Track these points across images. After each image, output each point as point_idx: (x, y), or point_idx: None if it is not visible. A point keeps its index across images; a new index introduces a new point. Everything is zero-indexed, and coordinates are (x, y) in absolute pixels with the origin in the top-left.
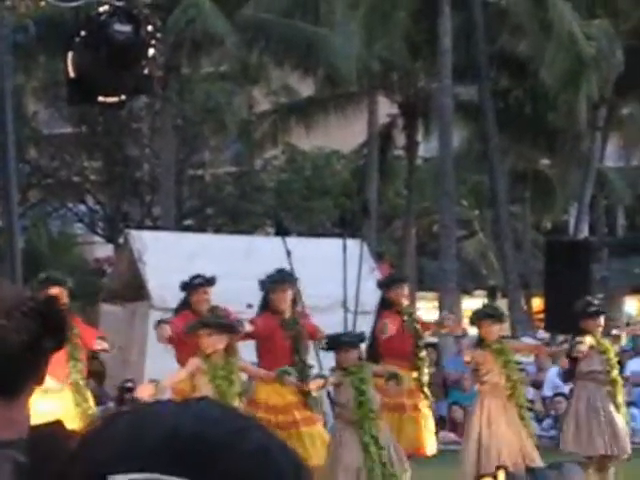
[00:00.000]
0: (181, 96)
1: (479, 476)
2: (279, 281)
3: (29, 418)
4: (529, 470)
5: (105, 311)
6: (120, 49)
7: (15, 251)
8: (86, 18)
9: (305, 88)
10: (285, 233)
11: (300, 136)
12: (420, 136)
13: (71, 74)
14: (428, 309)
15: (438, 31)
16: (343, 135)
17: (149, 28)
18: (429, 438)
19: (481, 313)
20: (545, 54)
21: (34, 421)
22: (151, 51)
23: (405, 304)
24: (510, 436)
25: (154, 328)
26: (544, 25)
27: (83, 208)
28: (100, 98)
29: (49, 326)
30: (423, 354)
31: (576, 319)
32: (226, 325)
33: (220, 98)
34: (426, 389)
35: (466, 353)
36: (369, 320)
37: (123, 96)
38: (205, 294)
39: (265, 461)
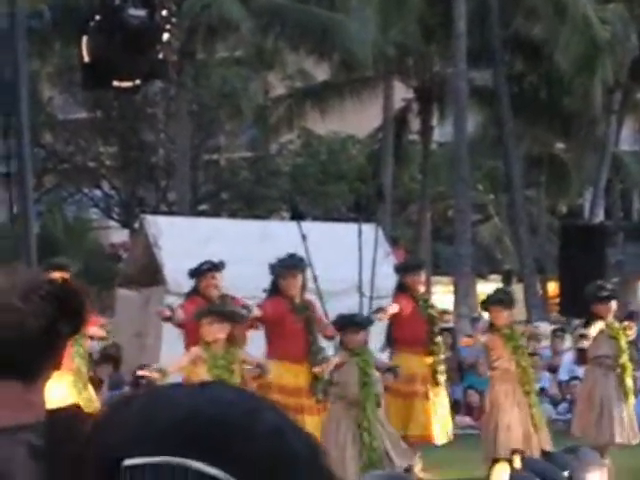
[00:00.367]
0: (196, 81)
1: (493, 460)
2: (289, 266)
3: (45, 402)
4: (545, 454)
5: (121, 296)
6: (135, 34)
7: (30, 236)
8: (101, 2)
9: (320, 73)
10: (300, 218)
11: (315, 121)
12: (435, 120)
13: (85, 59)
14: (443, 293)
15: (453, 15)
16: (358, 119)
17: (164, 13)
18: (438, 426)
19: (491, 298)
20: (560, 38)
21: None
22: (166, 36)
23: (421, 291)
24: (518, 421)
25: (160, 315)
26: (559, 9)
27: (98, 193)
28: (115, 83)
29: (66, 310)
30: (438, 340)
31: (588, 303)
32: (228, 313)
33: (236, 83)
34: (440, 376)
35: (478, 336)
36: (384, 305)
37: (138, 81)
38: (213, 279)
39: (279, 443)
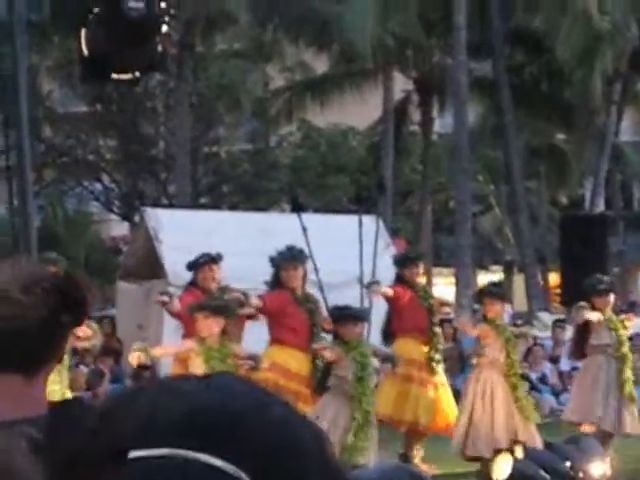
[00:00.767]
0: (196, 74)
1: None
2: (290, 258)
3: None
4: (547, 445)
5: (122, 289)
6: (134, 26)
7: (30, 230)
8: None
9: (320, 64)
10: (301, 210)
11: (315, 113)
12: (435, 112)
13: (84, 51)
14: (445, 284)
15: (453, 7)
16: (358, 111)
17: (163, 5)
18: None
19: (485, 291)
20: (560, 29)
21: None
22: (165, 28)
23: (419, 282)
24: (503, 412)
25: (158, 300)
26: (559, 0)
27: (99, 186)
28: (114, 75)
29: (68, 302)
30: (437, 330)
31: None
32: (222, 307)
33: (235, 75)
34: (436, 365)
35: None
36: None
37: (137, 73)
38: (211, 271)
39: (287, 434)
